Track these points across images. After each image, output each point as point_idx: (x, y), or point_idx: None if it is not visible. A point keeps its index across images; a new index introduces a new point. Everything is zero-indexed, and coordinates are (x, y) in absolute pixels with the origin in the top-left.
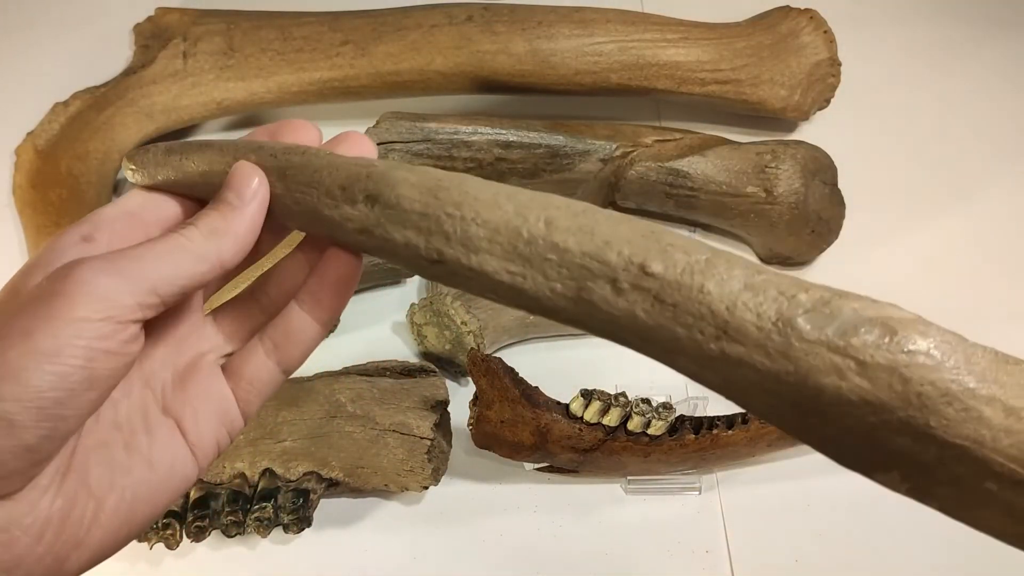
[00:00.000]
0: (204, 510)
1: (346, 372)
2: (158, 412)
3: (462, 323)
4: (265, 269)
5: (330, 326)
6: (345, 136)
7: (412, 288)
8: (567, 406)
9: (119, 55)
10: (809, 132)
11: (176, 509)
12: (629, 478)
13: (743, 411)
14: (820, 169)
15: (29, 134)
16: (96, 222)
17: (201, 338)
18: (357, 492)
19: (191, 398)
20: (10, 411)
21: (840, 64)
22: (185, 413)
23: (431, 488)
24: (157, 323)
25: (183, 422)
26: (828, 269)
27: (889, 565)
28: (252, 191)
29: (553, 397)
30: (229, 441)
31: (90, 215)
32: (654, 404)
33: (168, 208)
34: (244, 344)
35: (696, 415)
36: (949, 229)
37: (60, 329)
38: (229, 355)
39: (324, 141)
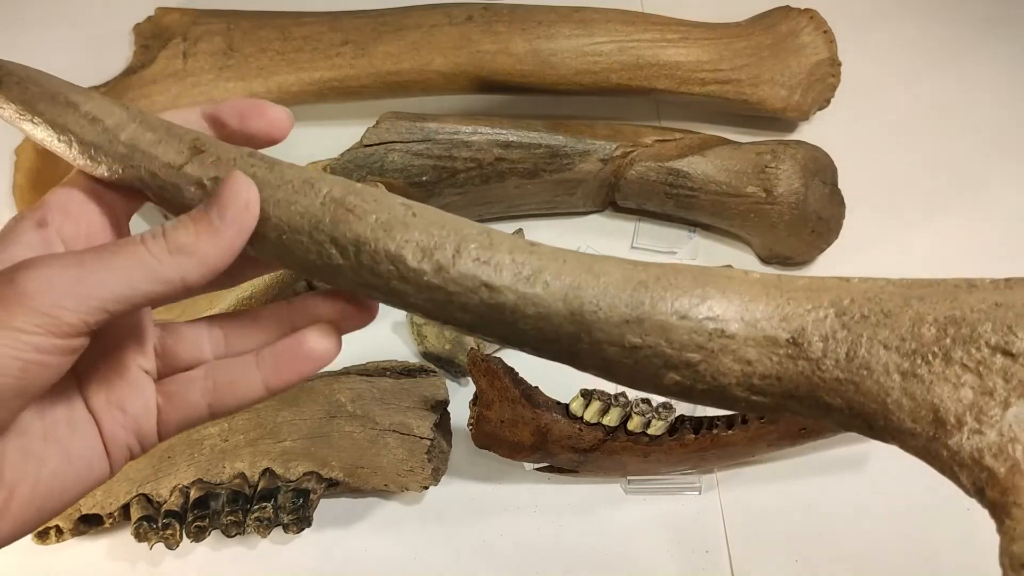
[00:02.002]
0: (204, 510)
1: (346, 372)
2: (82, 406)
3: None
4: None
5: (275, 395)
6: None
7: None
8: (567, 406)
9: (119, 55)
10: (809, 132)
11: (176, 509)
12: (629, 478)
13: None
14: (820, 169)
15: None
16: (49, 205)
17: (144, 343)
18: (357, 492)
19: (115, 400)
20: None
21: (840, 64)
22: (105, 414)
23: (431, 488)
24: None
25: (102, 422)
26: (828, 269)
27: (889, 565)
28: (237, 212)
29: (553, 397)
30: (140, 452)
31: (44, 197)
32: (654, 404)
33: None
34: (179, 368)
35: (696, 415)
36: (949, 229)
37: None
38: (165, 373)
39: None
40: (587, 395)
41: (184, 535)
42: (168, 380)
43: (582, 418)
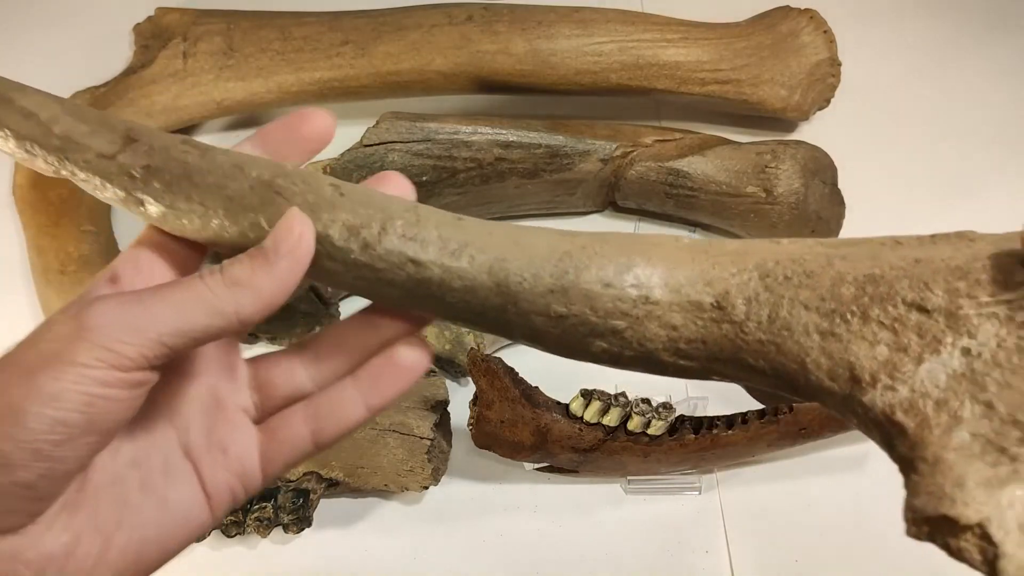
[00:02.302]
0: None
1: None
2: (179, 453)
3: None
4: None
5: (377, 414)
6: (384, 177)
7: None
8: (567, 406)
9: (119, 55)
10: (809, 132)
11: None
12: (629, 478)
13: (743, 411)
14: (820, 169)
15: None
16: (120, 261)
17: (235, 382)
18: (357, 492)
19: (214, 444)
20: (6, 450)
21: (840, 64)
22: (205, 459)
23: (431, 488)
24: (191, 360)
25: (202, 468)
26: None
27: (889, 565)
28: (290, 245)
29: (553, 397)
30: (244, 497)
31: (117, 257)
32: (654, 404)
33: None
34: (279, 400)
35: (696, 415)
36: (949, 228)
37: (62, 373)
38: (264, 409)
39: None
40: (587, 395)
41: None
42: (271, 418)
43: (582, 418)
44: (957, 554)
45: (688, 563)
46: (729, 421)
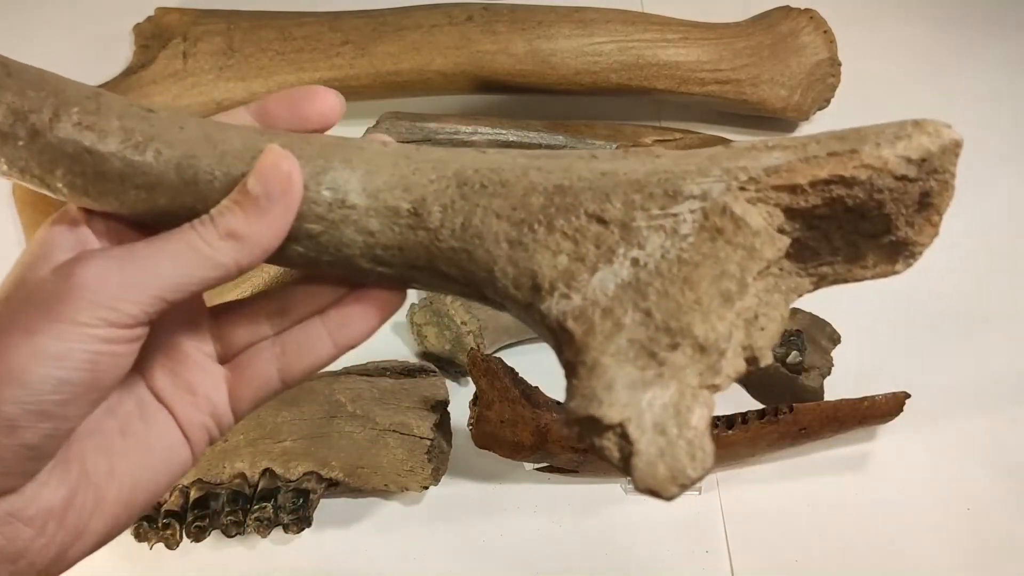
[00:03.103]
0: (204, 510)
1: (346, 372)
2: (151, 397)
3: (462, 323)
4: None
5: (346, 351)
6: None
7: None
8: None
9: (119, 55)
10: (809, 132)
11: (176, 509)
12: (629, 478)
13: (743, 412)
14: None
15: None
16: (71, 207)
17: (200, 328)
18: (357, 492)
19: (183, 384)
20: (11, 413)
21: (840, 64)
22: (175, 401)
23: (431, 488)
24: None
25: (175, 408)
26: None
27: (889, 565)
28: (282, 185)
29: (553, 397)
30: (219, 435)
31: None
32: None
33: None
34: (243, 346)
35: None
36: (949, 229)
37: (65, 332)
38: (227, 355)
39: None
40: None
41: (184, 535)
42: (236, 357)
43: None
44: (600, 452)
45: (688, 563)
46: (729, 421)
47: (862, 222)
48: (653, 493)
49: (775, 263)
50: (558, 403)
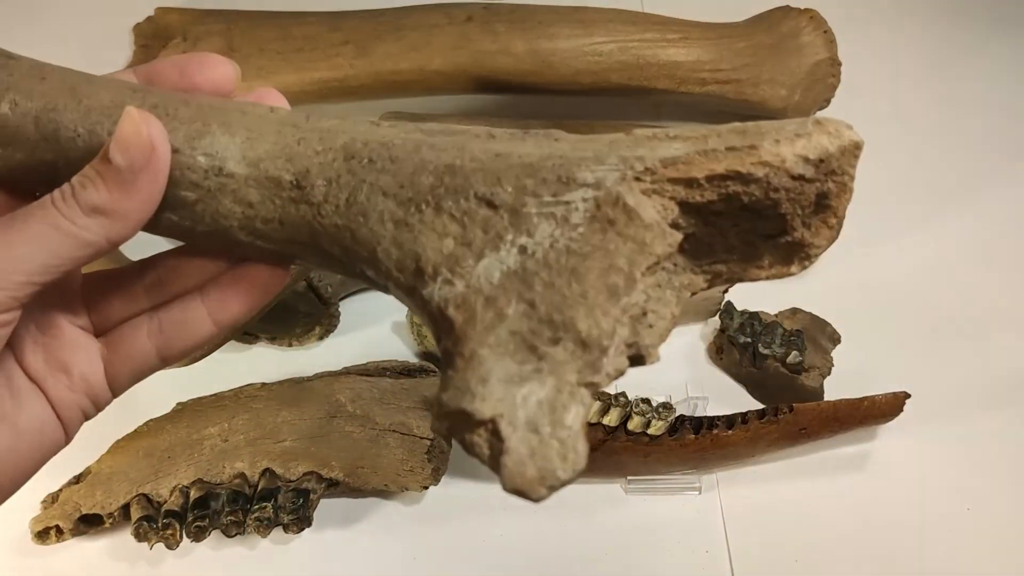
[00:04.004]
0: (204, 510)
1: (346, 372)
2: (22, 376)
3: None
4: None
5: (226, 330)
6: (256, 93)
7: None
8: None
9: (119, 55)
10: None
11: (176, 509)
12: (629, 478)
13: (743, 412)
14: None
15: None
16: None
17: (74, 299)
18: (357, 492)
19: (55, 363)
20: None
21: (840, 64)
22: (48, 380)
23: (431, 488)
24: None
25: (47, 388)
26: (828, 269)
27: (889, 565)
28: (143, 155)
29: None
30: (95, 413)
31: None
32: (654, 404)
33: None
34: (119, 319)
35: (696, 415)
36: (951, 229)
37: None
38: (103, 327)
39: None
40: None
41: (184, 535)
42: (112, 331)
43: None
44: (470, 448)
45: (688, 563)
46: (729, 421)
47: (758, 221)
48: (521, 494)
49: (666, 258)
50: None
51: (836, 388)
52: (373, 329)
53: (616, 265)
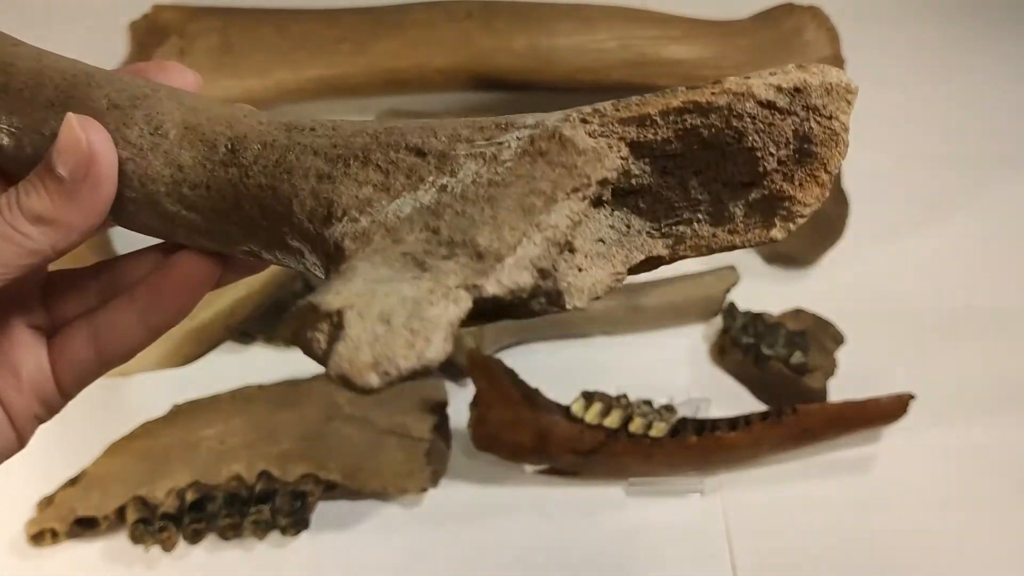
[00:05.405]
0: (200, 513)
1: None
2: None
3: None
4: None
5: (160, 333)
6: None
7: None
8: (568, 408)
9: (115, 53)
10: None
11: (173, 512)
12: (631, 480)
13: (746, 414)
14: None
15: None
16: None
17: (29, 300)
18: (355, 494)
19: (5, 367)
20: None
21: (843, 61)
22: (1, 383)
23: (430, 491)
24: None
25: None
26: (832, 269)
27: (893, 568)
28: (84, 165)
29: (554, 399)
30: (49, 417)
31: None
32: (656, 406)
33: None
34: (71, 318)
35: (698, 417)
36: (955, 229)
37: None
38: (56, 325)
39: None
40: (588, 397)
41: (180, 538)
42: (59, 333)
43: (583, 420)
44: (307, 346)
45: (690, 566)
46: (732, 423)
47: (724, 163)
48: (346, 381)
49: (601, 184)
50: (559, 405)
51: (840, 389)
52: None
53: (538, 188)
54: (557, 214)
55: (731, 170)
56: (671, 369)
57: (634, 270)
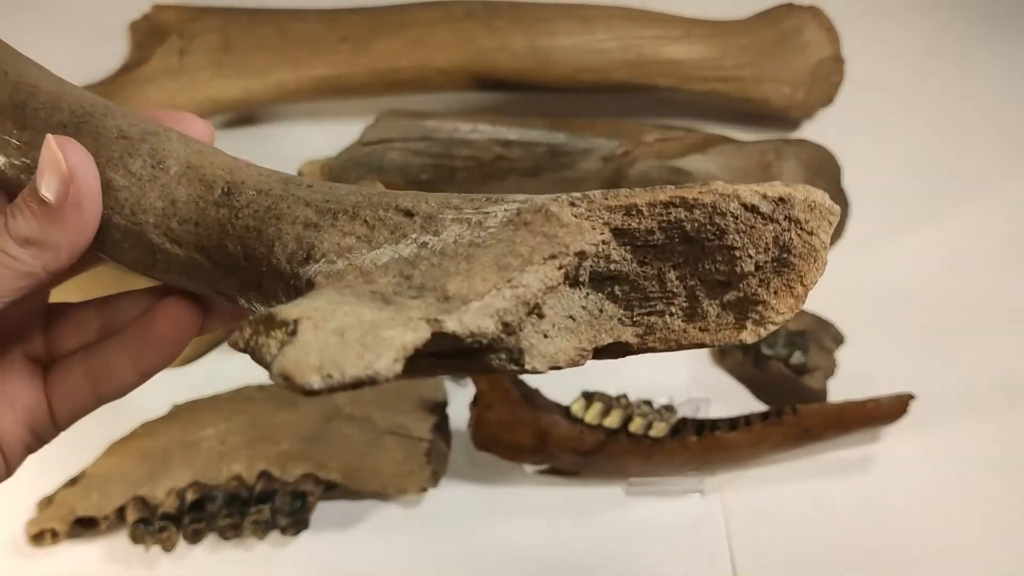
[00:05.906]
0: (201, 513)
1: None
2: None
3: None
4: None
5: (150, 376)
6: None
7: None
8: (568, 408)
9: (115, 53)
10: (812, 130)
11: (173, 512)
12: (631, 480)
13: (746, 413)
14: (824, 168)
15: None
16: None
17: (30, 329)
18: (355, 494)
19: (4, 398)
20: None
21: (844, 61)
22: None
23: (430, 490)
24: None
25: None
26: (832, 269)
27: (893, 568)
28: (64, 183)
29: (554, 399)
30: (39, 447)
31: None
32: (656, 406)
33: None
34: (70, 352)
35: (698, 417)
36: (956, 228)
37: None
38: (55, 358)
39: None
40: (588, 397)
41: (180, 538)
42: (56, 365)
43: (583, 420)
44: (257, 351)
45: (690, 566)
46: (732, 423)
47: (703, 259)
48: (287, 379)
49: (579, 257)
50: (559, 405)
51: (840, 389)
52: None
53: (516, 251)
54: (531, 275)
55: (709, 267)
56: (671, 369)
57: (599, 353)
